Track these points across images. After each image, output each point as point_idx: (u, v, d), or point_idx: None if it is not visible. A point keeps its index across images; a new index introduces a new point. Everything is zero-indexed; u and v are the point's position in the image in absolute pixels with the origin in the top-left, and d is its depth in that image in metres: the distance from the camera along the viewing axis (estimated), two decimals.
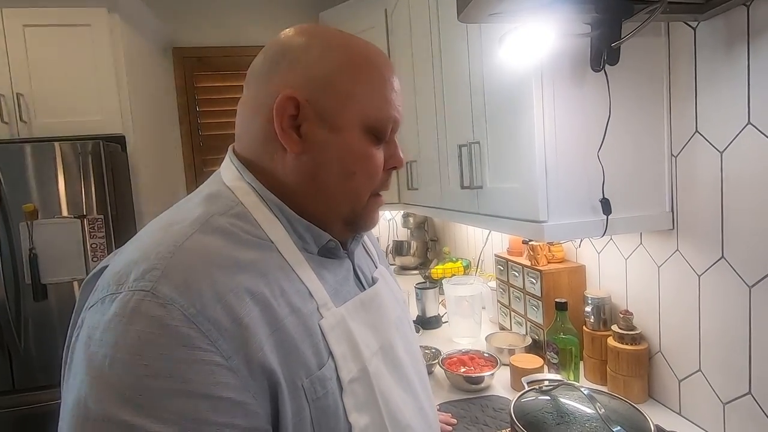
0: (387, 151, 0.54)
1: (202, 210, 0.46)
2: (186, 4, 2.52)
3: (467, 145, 1.15)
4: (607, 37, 0.76)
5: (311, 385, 0.43)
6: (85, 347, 0.37)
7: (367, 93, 0.49)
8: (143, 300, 0.37)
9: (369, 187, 0.52)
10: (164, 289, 0.37)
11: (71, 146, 1.70)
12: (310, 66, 0.48)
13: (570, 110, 0.85)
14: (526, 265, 1.30)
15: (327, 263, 0.53)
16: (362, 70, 0.49)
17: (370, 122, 0.50)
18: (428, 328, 1.62)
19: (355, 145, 0.49)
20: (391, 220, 2.85)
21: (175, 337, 0.36)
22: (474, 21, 0.71)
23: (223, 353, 0.37)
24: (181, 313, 0.36)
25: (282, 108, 0.47)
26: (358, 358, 0.48)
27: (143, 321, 0.36)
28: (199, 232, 0.43)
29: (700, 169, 0.84)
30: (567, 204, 0.85)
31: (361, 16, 2.15)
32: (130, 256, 0.41)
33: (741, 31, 0.74)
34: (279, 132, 0.47)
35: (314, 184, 0.50)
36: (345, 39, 0.51)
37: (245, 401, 0.38)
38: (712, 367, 0.86)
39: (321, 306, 0.47)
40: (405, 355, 0.58)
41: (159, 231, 0.44)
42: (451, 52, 1.28)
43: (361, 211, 0.53)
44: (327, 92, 0.48)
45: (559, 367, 1.09)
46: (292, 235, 0.49)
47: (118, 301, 0.37)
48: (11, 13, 1.79)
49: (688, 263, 0.89)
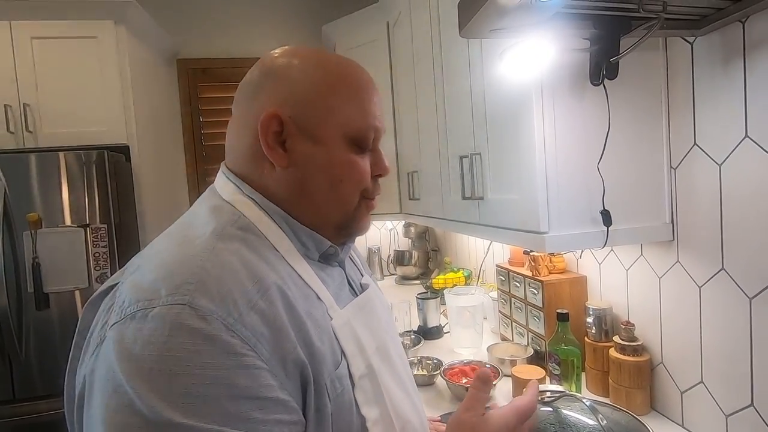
0: (372, 159, 0.56)
1: (215, 222, 0.48)
2: (191, 17, 2.56)
3: (468, 157, 1.16)
4: (605, 52, 0.78)
5: (332, 384, 0.46)
6: (120, 363, 0.37)
7: (346, 106, 0.52)
8: (182, 313, 0.38)
9: (357, 193, 0.54)
10: (201, 302, 0.39)
11: (75, 156, 1.72)
12: (292, 84, 0.51)
13: (570, 123, 0.86)
14: (528, 276, 1.30)
15: (326, 269, 0.56)
16: (340, 84, 0.52)
17: (351, 133, 0.52)
18: (429, 338, 1.62)
19: (338, 155, 0.52)
20: (392, 230, 2.85)
21: (220, 346, 0.38)
22: (475, 36, 0.73)
23: (262, 357, 0.40)
24: (221, 323, 0.38)
25: (266, 125, 0.50)
26: (364, 356, 0.51)
27: (185, 333, 0.37)
28: (221, 244, 0.45)
29: (699, 181, 0.85)
30: (568, 215, 0.86)
31: (363, 30, 2.18)
32: (154, 274, 0.42)
33: (737, 47, 0.75)
34: (265, 148, 0.50)
35: (304, 194, 0.52)
36: (324, 57, 0.54)
37: (285, 399, 0.41)
38: (714, 379, 0.86)
39: (329, 308, 0.50)
40: (396, 356, 0.61)
41: (178, 246, 0.46)
42: (452, 65, 1.30)
43: (352, 217, 0.55)
44: (308, 108, 0.51)
45: (560, 378, 1.09)
46: (296, 243, 0.52)
47: (155, 316, 0.38)
48: (19, 25, 1.82)
49: (688, 274, 0.89)
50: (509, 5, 0.59)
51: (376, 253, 2.70)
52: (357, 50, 2.24)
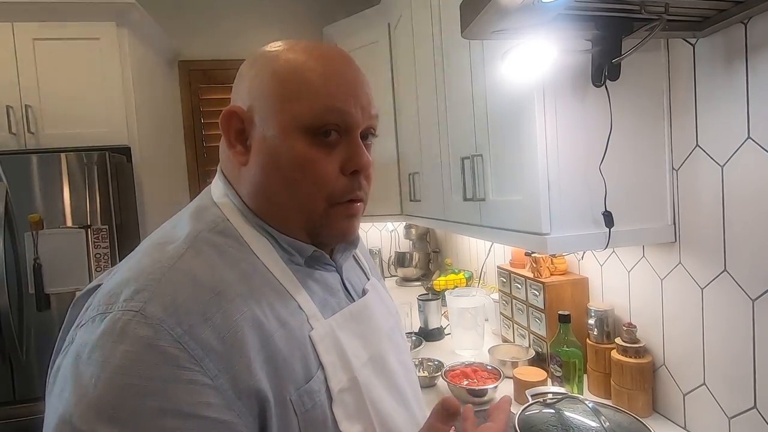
0: (345, 153, 0.49)
1: (190, 227, 0.47)
2: (192, 19, 2.57)
3: (470, 158, 1.16)
4: (607, 53, 0.78)
5: (299, 398, 0.43)
6: (73, 366, 0.37)
7: (302, 92, 0.47)
8: (131, 320, 0.37)
9: (318, 194, 0.48)
10: (152, 310, 0.38)
11: (77, 157, 1.72)
12: (250, 80, 0.50)
13: (572, 124, 0.86)
14: (529, 277, 1.30)
15: (315, 275, 0.53)
16: (299, 71, 0.47)
17: (304, 120, 0.47)
18: (431, 340, 1.62)
19: (294, 149, 0.47)
20: (393, 232, 2.85)
21: (162, 356, 0.36)
22: (477, 38, 0.73)
23: (209, 373, 0.38)
24: (168, 334, 0.37)
25: (226, 122, 0.49)
26: (347, 368, 0.48)
27: (130, 341, 0.36)
28: (191, 251, 0.44)
29: (701, 182, 0.85)
30: (569, 217, 0.86)
31: (364, 31, 2.18)
32: (122, 276, 0.42)
33: (739, 48, 0.75)
34: (228, 146, 0.50)
35: (265, 196, 0.49)
36: (293, 47, 0.50)
37: (229, 420, 0.38)
38: (716, 381, 0.86)
39: (310, 317, 0.48)
40: (397, 365, 0.58)
41: (151, 250, 0.45)
42: (453, 66, 1.30)
43: (319, 222, 0.50)
44: (261, 100, 0.48)
45: (562, 380, 1.08)
46: (278, 249, 0.50)
47: (107, 321, 0.38)
48: (22, 27, 1.83)
49: (690, 276, 0.89)
50: (511, 6, 0.59)
51: (376, 255, 2.70)
52: (358, 52, 2.24)
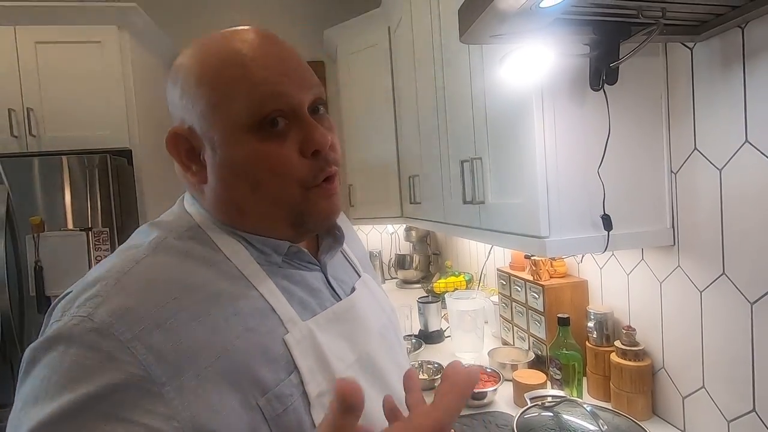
0: (300, 134, 0.46)
1: (158, 233, 0.46)
2: (193, 22, 2.58)
3: (469, 161, 1.16)
4: (605, 57, 0.78)
5: (268, 403, 0.42)
6: (25, 372, 0.38)
7: (226, 92, 0.44)
8: (79, 325, 0.37)
9: (289, 185, 0.46)
10: (103, 315, 0.37)
11: (78, 160, 1.73)
12: (179, 98, 0.48)
13: (570, 128, 0.86)
14: (529, 280, 1.30)
15: (294, 275, 0.51)
16: (214, 73, 0.45)
17: (245, 119, 0.44)
18: (430, 342, 1.62)
19: (247, 151, 0.45)
20: (393, 234, 2.85)
21: (107, 361, 0.36)
22: (476, 42, 0.73)
23: (156, 380, 0.36)
24: (116, 338, 0.36)
25: (172, 146, 0.48)
26: (327, 372, 0.47)
27: (78, 345, 0.36)
28: (152, 256, 0.43)
29: (699, 185, 0.85)
30: (568, 220, 0.86)
31: (364, 34, 2.19)
32: (85, 281, 0.42)
33: (736, 52, 0.76)
34: (183, 169, 0.48)
35: (234, 206, 0.48)
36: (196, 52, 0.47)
37: (165, 430, 0.36)
38: (715, 384, 0.86)
39: (285, 321, 0.46)
40: (390, 365, 0.57)
41: (116, 256, 0.45)
42: (453, 69, 1.30)
43: (301, 211, 0.48)
44: (197, 115, 0.46)
45: (562, 383, 1.08)
46: (252, 250, 0.48)
47: (59, 326, 0.38)
48: (24, 30, 1.84)
49: (689, 279, 0.89)
50: (509, 11, 0.60)
51: (377, 257, 2.70)
52: (358, 54, 2.25)
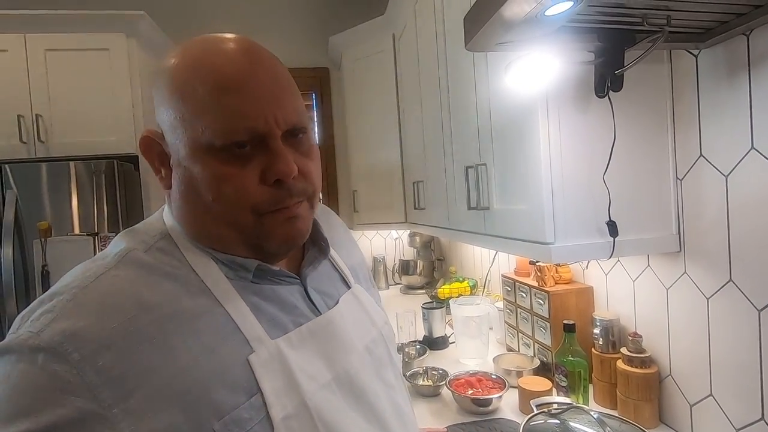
0: (265, 160, 0.45)
1: (125, 245, 0.46)
2: (200, 29, 2.56)
3: (474, 167, 1.16)
4: (610, 64, 0.78)
5: (224, 427, 0.40)
6: None
7: (195, 109, 0.43)
8: (27, 341, 0.36)
9: (241, 210, 0.45)
10: (51, 333, 0.36)
11: (85, 165, 1.75)
12: (156, 101, 0.48)
13: (575, 135, 0.86)
14: (534, 286, 1.30)
15: (265, 291, 0.49)
16: (188, 86, 0.44)
17: (209, 139, 0.43)
18: (435, 348, 1.61)
19: (207, 169, 0.44)
20: (397, 239, 2.85)
21: (53, 381, 0.35)
22: (481, 50, 0.74)
23: (102, 403, 0.35)
24: (63, 359, 0.35)
25: (145, 149, 0.48)
26: (295, 393, 0.45)
27: (25, 362, 0.36)
28: (115, 269, 0.42)
29: (705, 192, 0.85)
30: (574, 226, 0.86)
31: (369, 41, 2.21)
32: (50, 290, 0.41)
33: (742, 59, 0.76)
34: (154, 171, 0.49)
35: (192, 217, 0.48)
36: (176, 57, 0.47)
37: None
38: (723, 392, 0.85)
39: (251, 340, 0.44)
40: (374, 383, 0.54)
41: (83, 266, 0.44)
42: (457, 76, 1.31)
43: (254, 234, 0.47)
44: (167, 123, 0.46)
45: (567, 390, 1.08)
46: (221, 266, 0.47)
47: (10, 339, 0.37)
48: (34, 38, 1.87)
49: (696, 286, 0.89)
50: (515, 19, 0.60)
51: (381, 263, 2.70)
52: (363, 61, 2.26)
